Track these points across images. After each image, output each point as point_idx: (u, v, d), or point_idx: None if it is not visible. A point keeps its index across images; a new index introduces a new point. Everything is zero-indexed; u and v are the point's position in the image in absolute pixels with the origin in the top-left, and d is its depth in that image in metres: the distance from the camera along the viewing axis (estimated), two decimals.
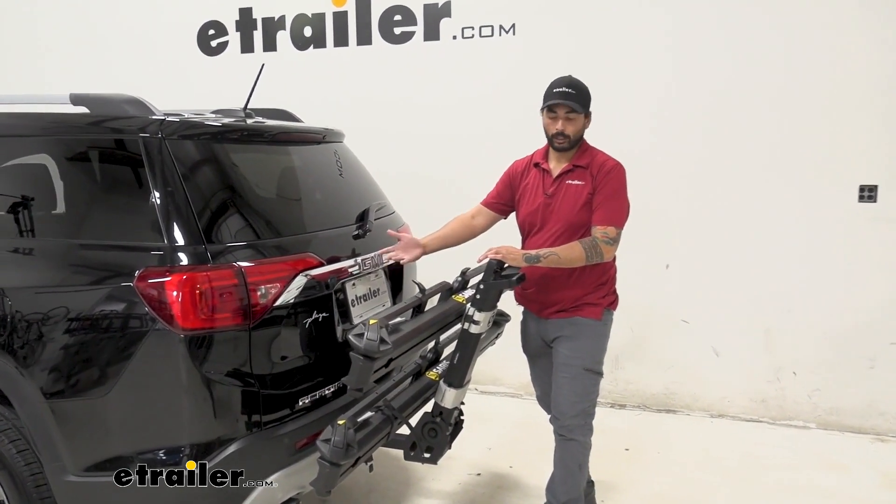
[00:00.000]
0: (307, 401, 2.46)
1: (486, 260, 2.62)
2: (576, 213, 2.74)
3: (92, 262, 2.32)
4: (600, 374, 2.84)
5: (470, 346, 2.62)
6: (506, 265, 2.64)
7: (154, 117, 2.40)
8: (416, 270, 3.30)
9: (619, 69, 4.36)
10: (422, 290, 2.72)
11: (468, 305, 2.60)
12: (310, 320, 2.48)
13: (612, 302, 2.89)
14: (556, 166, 2.83)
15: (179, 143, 2.37)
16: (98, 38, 5.70)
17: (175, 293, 2.16)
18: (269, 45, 5.21)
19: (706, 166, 4.30)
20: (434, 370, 2.82)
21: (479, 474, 3.64)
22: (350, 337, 2.07)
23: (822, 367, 4.20)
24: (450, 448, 2.85)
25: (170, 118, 2.41)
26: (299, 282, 2.41)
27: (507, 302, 2.91)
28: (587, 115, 2.78)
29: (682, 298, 4.45)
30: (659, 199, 4.33)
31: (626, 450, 3.90)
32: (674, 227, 4.40)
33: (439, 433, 2.72)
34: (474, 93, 4.73)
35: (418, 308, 2.69)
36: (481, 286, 2.57)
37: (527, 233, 2.91)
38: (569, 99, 2.69)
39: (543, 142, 2.87)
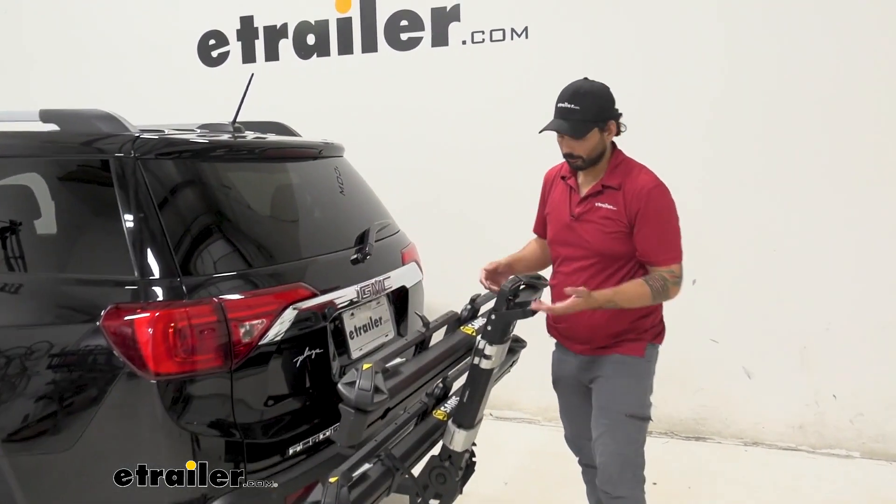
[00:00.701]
0: (299, 448, 2.21)
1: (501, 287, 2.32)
2: (604, 241, 2.35)
3: (56, 299, 2.10)
4: (646, 418, 2.49)
5: (481, 383, 2.35)
6: (521, 290, 2.36)
7: (126, 134, 2.17)
8: (423, 297, 3.04)
9: (638, 71, 4.09)
10: (426, 323, 2.45)
11: (478, 338, 2.33)
12: (302, 357, 2.24)
13: (658, 334, 2.52)
14: (584, 183, 2.43)
15: (154, 163, 2.14)
16: (94, 51, 5.52)
17: (145, 333, 1.92)
18: (272, 55, 5.00)
19: (734, 174, 4.01)
20: (442, 408, 2.55)
21: None
22: (340, 387, 1.82)
23: (866, 389, 3.88)
24: (461, 493, 2.60)
25: (144, 135, 2.19)
26: (289, 316, 2.17)
27: (527, 327, 2.62)
28: (603, 128, 2.32)
29: (710, 316, 4.15)
30: (684, 210, 4.02)
31: (654, 483, 3.59)
32: (701, 239, 4.06)
33: (448, 479, 2.46)
34: (486, 100, 4.48)
35: (421, 344, 2.42)
36: (492, 316, 2.30)
37: (556, 261, 2.54)
38: (567, 119, 2.27)
39: (556, 149, 2.53)
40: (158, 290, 1.98)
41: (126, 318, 1.94)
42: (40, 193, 2.27)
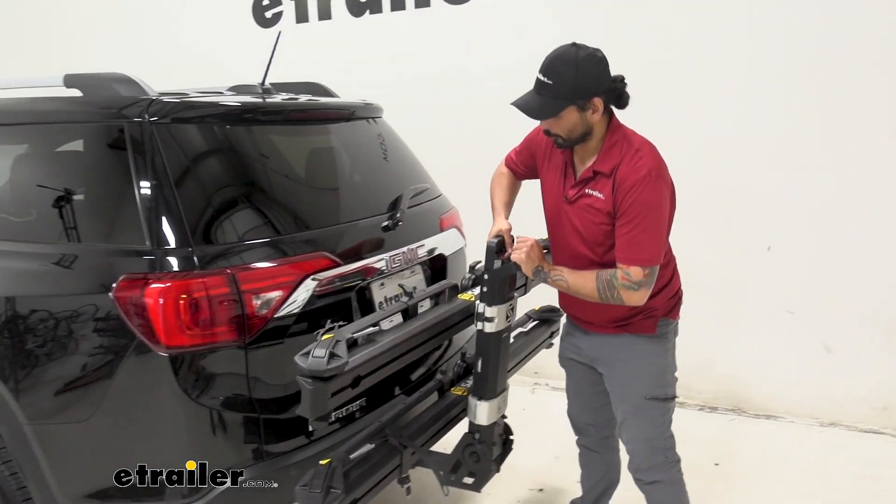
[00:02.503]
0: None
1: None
2: (595, 234, 2.11)
3: (73, 269, 2.06)
4: (669, 398, 2.29)
5: (491, 349, 2.19)
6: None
7: (143, 98, 2.09)
8: (466, 265, 2.88)
9: (707, 20, 3.74)
10: (408, 294, 2.31)
11: (477, 302, 2.18)
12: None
13: (672, 309, 2.29)
14: (579, 165, 2.16)
15: (169, 128, 2.06)
16: (147, 14, 5.54)
17: (155, 305, 1.86)
18: (325, 14, 4.88)
19: (814, 130, 3.64)
20: (462, 385, 2.42)
21: (541, 490, 3.23)
22: (295, 358, 1.71)
23: None
24: (497, 472, 2.48)
25: (161, 98, 2.10)
26: (308, 287, 2.07)
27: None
28: (584, 106, 2.00)
29: (786, 285, 3.83)
30: (756, 172, 3.72)
31: (716, 465, 3.38)
32: (776, 201, 3.76)
33: (482, 458, 2.34)
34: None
35: (406, 313, 2.25)
36: (485, 276, 2.13)
37: (554, 237, 2.32)
38: (539, 93, 2.01)
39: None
40: (170, 261, 1.91)
41: (137, 289, 1.88)
42: (54, 162, 2.24)
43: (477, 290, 2.25)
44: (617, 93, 2.06)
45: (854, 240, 3.63)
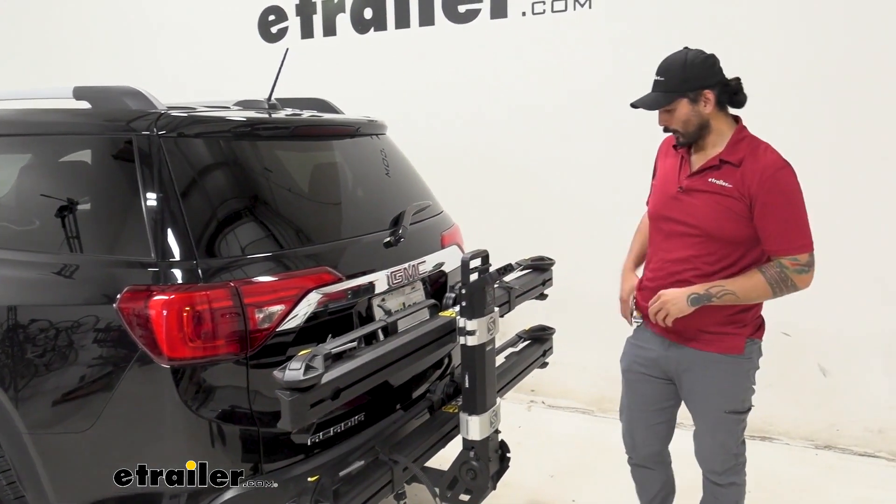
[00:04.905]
0: (320, 438, 2.14)
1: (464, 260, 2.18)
2: (716, 222, 2.15)
3: (78, 280, 2.08)
4: (747, 410, 2.34)
5: (476, 362, 2.21)
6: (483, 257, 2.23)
7: (152, 112, 2.12)
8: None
9: (707, 41, 3.78)
10: (387, 312, 2.34)
11: (457, 317, 2.20)
12: None
13: (759, 327, 2.33)
14: (697, 157, 2.24)
15: (177, 142, 2.08)
16: (157, 28, 5.60)
17: (158, 316, 1.88)
18: (329, 30, 4.93)
19: (813, 147, 3.68)
20: (454, 403, 2.44)
21: None
22: (274, 372, 1.74)
23: None
24: (494, 489, 2.48)
25: (169, 112, 2.13)
26: (310, 301, 2.09)
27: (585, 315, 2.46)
28: (696, 98, 2.14)
29: (782, 307, 3.77)
30: None
31: None
32: None
33: (479, 475, 2.34)
34: (548, 74, 4.26)
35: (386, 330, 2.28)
36: (462, 290, 2.17)
37: (655, 241, 2.36)
38: (654, 91, 2.18)
39: (624, 123, 2.35)
40: (175, 273, 1.93)
41: (140, 300, 1.90)
42: (60, 173, 2.27)
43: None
44: (731, 90, 2.19)
45: (850, 262, 3.65)
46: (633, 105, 2.21)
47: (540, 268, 2.90)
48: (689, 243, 2.23)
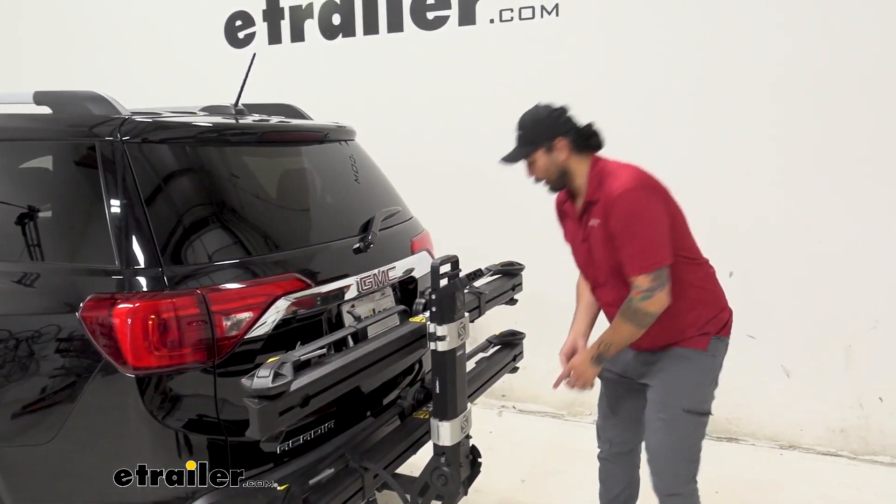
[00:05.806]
0: (289, 447, 2.12)
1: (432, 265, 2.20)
2: (610, 261, 2.24)
3: (41, 288, 2.04)
4: (705, 413, 2.36)
5: (447, 368, 2.21)
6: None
7: (115, 117, 2.09)
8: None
9: (674, 49, 3.85)
10: (357, 319, 2.35)
11: (427, 323, 2.20)
12: None
13: (724, 326, 2.36)
14: (577, 206, 2.36)
15: (141, 147, 2.05)
16: (124, 32, 5.51)
17: (122, 325, 1.84)
18: (297, 36, 4.91)
19: (774, 159, 3.76)
20: (425, 408, 2.44)
21: None
22: (242, 381, 1.73)
23: None
24: (465, 494, 2.48)
25: (134, 118, 2.10)
26: (279, 308, 2.07)
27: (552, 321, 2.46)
28: (550, 148, 2.25)
29: (747, 310, 3.82)
30: (719, 199, 3.83)
31: None
32: (738, 228, 3.87)
33: (450, 481, 2.34)
34: (515, 81, 4.29)
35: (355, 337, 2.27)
36: (432, 296, 2.17)
37: (591, 289, 2.49)
38: (512, 149, 2.32)
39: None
40: (139, 281, 1.90)
41: (104, 309, 1.86)
42: (21, 179, 2.22)
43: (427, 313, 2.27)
44: (584, 135, 2.28)
45: (814, 266, 3.75)
46: (501, 161, 2.33)
47: (510, 273, 2.91)
48: (610, 286, 2.33)
